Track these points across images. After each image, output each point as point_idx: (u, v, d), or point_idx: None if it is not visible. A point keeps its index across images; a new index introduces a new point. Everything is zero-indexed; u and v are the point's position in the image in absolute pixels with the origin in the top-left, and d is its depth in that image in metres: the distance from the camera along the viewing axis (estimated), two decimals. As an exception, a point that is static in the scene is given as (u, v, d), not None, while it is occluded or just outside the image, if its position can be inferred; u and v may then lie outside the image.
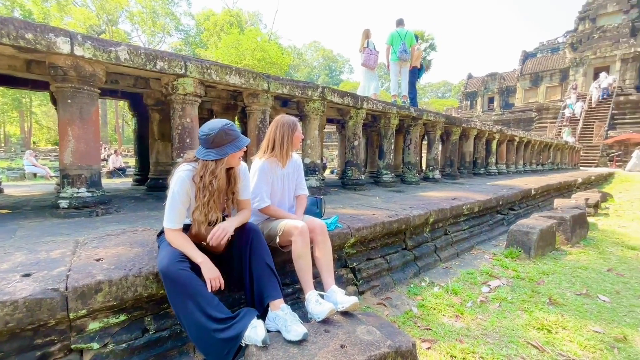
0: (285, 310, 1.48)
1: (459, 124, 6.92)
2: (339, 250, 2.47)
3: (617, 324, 2.15)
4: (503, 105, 29.77)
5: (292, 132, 1.93)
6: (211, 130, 1.50)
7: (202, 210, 1.52)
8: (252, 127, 3.73)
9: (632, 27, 22.17)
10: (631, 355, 1.83)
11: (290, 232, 1.72)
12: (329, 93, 4.15)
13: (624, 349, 1.89)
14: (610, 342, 1.95)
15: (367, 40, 6.63)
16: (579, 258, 3.56)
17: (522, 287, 2.73)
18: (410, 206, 3.36)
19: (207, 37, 34.62)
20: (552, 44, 32.00)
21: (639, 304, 2.48)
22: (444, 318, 2.23)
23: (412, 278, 2.88)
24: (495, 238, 4.31)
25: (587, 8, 24.74)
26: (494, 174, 8.43)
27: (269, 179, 1.93)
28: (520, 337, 1.99)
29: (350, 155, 4.92)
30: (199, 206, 1.52)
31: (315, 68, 63.50)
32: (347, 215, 2.87)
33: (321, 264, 1.80)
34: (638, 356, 1.82)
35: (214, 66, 3.09)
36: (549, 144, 12.78)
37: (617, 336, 2.00)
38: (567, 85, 24.89)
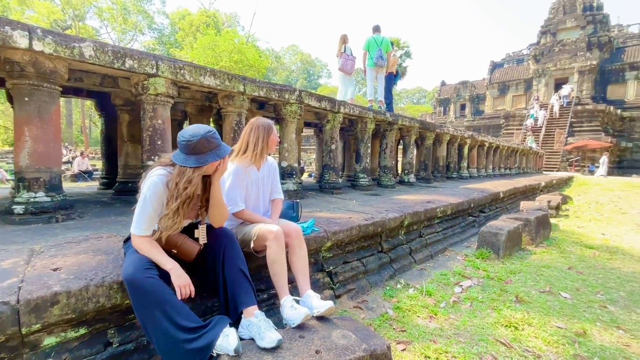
0: (259, 317, 1.44)
1: (432, 129, 7.14)
2: (315, 254, 2.46)
3: (577, 320, 2.28)
4: (474, 112, 31.13)
5: (267, 134, 1.90)
6: (193, 136, 1.44)
7: (170, 217, 1.45)
8: (227, 129, 3.65)
9: (588, 41, 23.98)
10: (590, 349, 1.94)
11: (265, 236, 1.69)
12: (306, 96, 4.15)
13: (584, 343, 2.00)
14: (571, 337, 2.06)
15: (345, 46, 6.72)
16: (543, 257, 3.76)
17: (492, 287, 2.83)
18: (386, 209, 3.41)
19: (182, 37, 33.74)
20: (518, 55, 33.97)
21: (596, 300, 2.64)
22: (419, 319, 2.27)
23: (388, 280, 2.92)
24: (467, 239, 4.46)
25: (549, 23, 26.50)
26: (466, 177, 8.76)
27: (243, 183, 1.88)
28: (490, 335, 2.06)
29: (327, 159, 4.93)
30: (168, 213, 1.45)
31: (294, 72, 63.56)
32: (324, 218, 2.86)
33: (297, 269, 1.77)
34: (597, 349, 1.94)
35: (188, 66, 3.00)
36: (515, 149, 13.49)
37: (577, 331, 2.12)
38: (531, 94, 26.46)
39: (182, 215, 1.47)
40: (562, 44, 25.08)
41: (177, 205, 1.43)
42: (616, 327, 2.21)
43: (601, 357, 1.85)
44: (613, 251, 4.20)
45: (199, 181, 1.52)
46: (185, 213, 1.49)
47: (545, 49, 25.82)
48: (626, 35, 30.69)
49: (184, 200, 1.45)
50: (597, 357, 1.86)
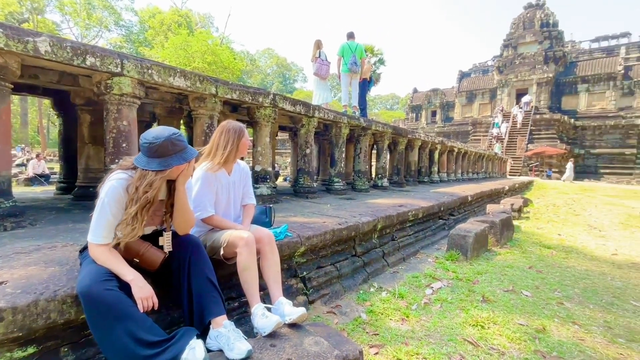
0: (228, 327, 1.39)
1: (405, 135, 7.35)
2: (288, 259, 2.42)
3: (537, 316, 2.41)
4: (444, 118, 32.45)
5: (238, 138, 1.85)
6: (156, 138, 1.37)
7: (128, 222, 1.36)
8: (198, 132, 3.54)
9: (545, 55, 25.84)
10: (549, 344, 2.05)
11: (235, 243, 1.64)
12: (281, 100, 4.12)
13: (543, 338, 2.11)
14: (532, 333, 2.17)
15: (319, 51, 6.77)
16: (507, 258, 3.96)
17: (460, 288, 2.93)
18: (359, 213, 3.45)
19: (153, 36, 32.51)
20: (483, 66, 35.90)
21: (554, 297, 2.81)
22: (391, 322, 2.30)
23: (362, 284, 2.94)
24: (437, 242, 4.60)
25: (510, 37, 28.29)
26: (437, 181, 9.08)
27: (212, 187, 1.82)
28: (458, 335, 2.12)
29: (302, 163, 4.92)
30: (126, 218, 1.36)
31: (269, 75, 63.18)
32: (298, 223, 2.84)
33: (268, 276, 1.73)
34: (555, 344, 2.05)
35: (156, 66, 2.88)
36: (482, 155, 14.19)
37: (537, 327, 2.24)
38: (496, 103, 28.04)
39: (141, 221, 1.39)
40: (522, 57, 26.85)
41: (135, 210, 1.35)
42: (572, 323, 2.35)
43: (559, 352, 1.96)
44: (568, 250, 4.50)
45: (161, 185, 1.44)
46: (145, 219, 1.41)
47: (508, 61, 27.51)
48: (578, 50, 33.41)
49: (144, 204, 1.37)
50: (555, 352, 1.97)
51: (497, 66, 28.26)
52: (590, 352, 1.98)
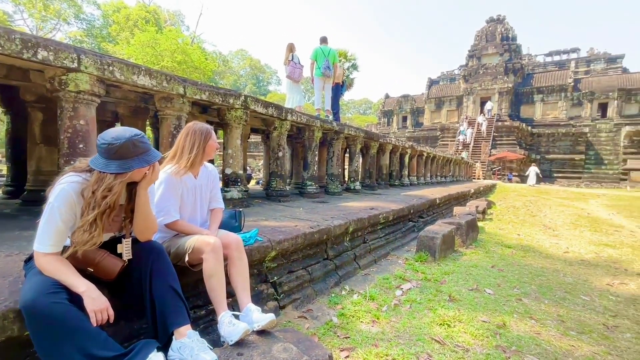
0: (192, 337, 1.33)
1: (376, 139, 7.50)
2: (259, 264, 2.37)
3: (498, 313, 2.53)
4: (414, 123, 33.59)
5: (204, 140, 1.79)
6: (116, 139, 1.27)
7: (86, 229, 1.26)
8: (165, 133, 3.39)
9: (505, 67, 27.61)
10: (509, 339, 2.15)
11: (201, 249, 1.58)
12: (252, 102, 4.06)
13: (504, 333, 2.22)
14: (494, 329, 2.28)
15: (292, 54, 6.77)
16: (472, 258, 4.13)
17: (429, 288, 3.02)
18: (331, 216, 3.46)
19: (117, 32, 30.91)
20: (451, 74, 37.66)
21: (514, 294, 2.97)
22: (362, 325, 2.31)
23: (333, 287, 2.94)
24: (407, 244, 4.72)
25: (475, 48, 29.95)
26: (407, 185, 9.35)
27: (176, 191, 1.74)
28: (426, 335, 2.18)
29: (274, 166, 4.87)
30: (83, 225, 1.26)
31: (242, 77, 62.22)
32: (269, 227, 2.80)
33: (236, 282, 1.68)
34: (514, 339, 2.16)
35: (118, 63, 2.72)
36: (450, 159, 14.82)
37: (499, 323, 2.35)
38: (462, 110, 29.48)
39: (100, 228, 1.30)
40: (485, 67, 28.50)
41: (94, 216, 1.26)
42: (529, 318, 2.49)
43: (517, 346, 2.07)
44: (526, 249, 4.79)
45: (122, 190, 1.36)
46: (104, 225, 1.32)
47: (472, 71, 29.08)
48: (534, 63, 36.02)
49: (103, 210, 1.28)
50: (514, 346, 2.07)
51: (463, 75, 29.80)
52: (545, 345, 2.11)
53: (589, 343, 2.17)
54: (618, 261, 4.35)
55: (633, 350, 2.10)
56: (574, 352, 2.04)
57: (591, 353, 2.04)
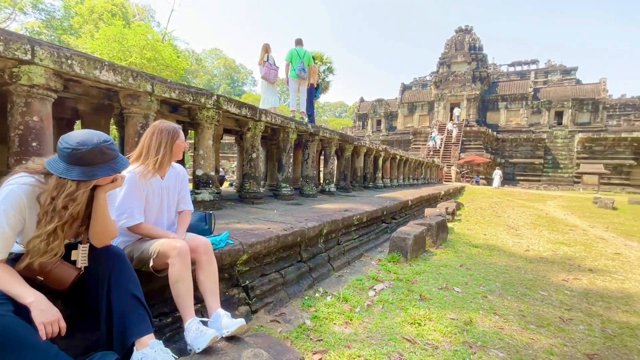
0: (155, 346, 1.26)
1: (351, 142, 7.59)
2: (230, 268, 2.31)
3: (466, 310, 2.63)
4: (388, 127, 34.41)
5: (172, 139, 1.71)
6: (82, 144, 1.18)
7: (43, 239, 1.16)
8: (131, 133, 3.23)
9: (473, 75, 29.04)
10: (475, 335, 2.24)
11: (167, 253, 1.50)
12: (225, 102, 3.96)
13: (470, 330, 2.31)
14: (461, 326, 2.36)
15: (267, 55, 6.71)
16: (442, 257, 4.27)
17: (401, 288, 3.08)
18: (305, 218, 3.44)
19: (80, 24, 29.17)
20: (423, 80, 39.01)
21: (480, 291, 3.10)
22: (335, 326, 2.31)
23: (307, 290, 2.92)
24: (380, 245, 4.80)
25: (445, 56, 31.25)
26: (381, 187, 9.53)
27: (141, 192, 1.65)
28: (398, 334, 2.21)
29: (248, 167, 4.78)
30: (41, 235, 1.16)
31: (216, 76, 60.87)
32: (241, 230, 2.73)
33: (205, 287, 1.62)
34: (480, 335, 2.25)
35: (78, 57, 2.56)
36: (422, 162, 15.31)
37: (466, 320, 2.44)
38: (433, 115, 30.61)
39: (61, 239, 1.20)
40: (455, 74, 29.82)
41: (54, 227, 1.16)
42: (494, 314, 2.61)
43: (483, 341, 2.16)
44: (492, 249, 5.03)
45: (86, 199, 1.26)
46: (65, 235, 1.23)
47: (443, 78, 30.31)
48: (499, 72, 38.15)
49: (66, 221, 1.18)
50: (480, 341, 2.16)
51: (434, 81, 30.99)
52: (508, 339, 2.22)
53: (547, 336, 2.30)
54: (572, 258, 4.68)
55: (586, 341, 2.25)
56: (534, 345, 2.16)
57: (549, 345, 2.17)
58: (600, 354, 2.09)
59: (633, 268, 4.24)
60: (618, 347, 2.19)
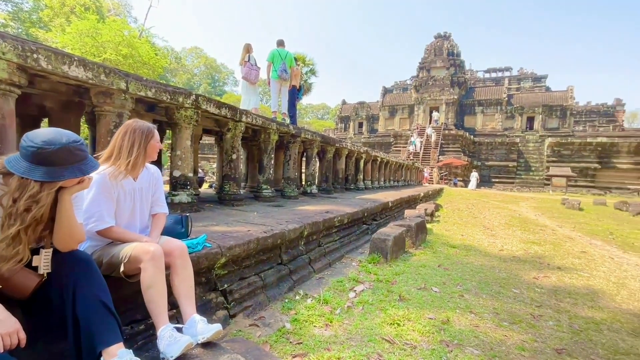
0: (124, 356, 1.20)
1: (332, 144, 7.62)
2: (207, 272, 2.25)
3: (443, 310, 2.68)
4: (370, 130, 34.85)
5: (145, 139, 1.64)
6: (49, 143, 1.10)
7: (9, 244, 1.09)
8: (103, 132, 3.09)
9: (451, 80, 29.94)
10: (452, 334, 2.29)
11: (139, 257, 1.44)
12: (204, 102, 3.88)
13: (447, 329, 2.36)
14: (439, 325, 2.40)
15: (249, 55, 6.63)
16: (421, 258, 4.36)
17: (381, 289, 3.10)
18: (286, 220, 3.41)
19: (50, 17, 27.75)
20: (403, 84, 39.81)
21: (457, 291, 3.18)
22: (315, 329, 2.30)
23: (287, 292, 2.89)
24: (361, 246, 4.84)
25: (424, 61, 32.04)
26: (362, 189, 9.62)
27: (111, 194, 1.57)
28: (377, 335, 2.23)
29: (228, 169, 4.69)
30: (4, 239, 1.08)
31: (197, 75, 59.63)
32: (220, 232, 2.67)
33: (180, 292, 1.57)
34: (456, 333, 2.30)
35: (45, 51, 2.42)
36: (402, 164, 15.59)
37: (443, 319, 2.49)
38: (413, 118, 31.29)
39: (25, 243, 1.13)
40: (434, 79, 30.64)
41: (16, 230, 1.09)
42: (470, 312, 2.68)
43: (459, 340, 2.21)
44: (468, 249, 5.18)
45: (51, 201, 1.19)
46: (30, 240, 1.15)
47: (423, 82, 31.06)
48: (475, 78, 39.53)
49: (28, 224, 1.11)
50: (456, 340, 2.21)
51: (415, 85, 31.71)
52: (483, 336, 2.28)
53: (519, 332, 2.39)
54: (542, 256, 4.89)
55: (555, 336, 2.36)
56: (507, 341, 2.23)
57: (520, 341, 2.25)
58: (568, 349, 2.19)
59: (597, 265, 4.49)
60: (584, 342, 2.30)
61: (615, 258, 4.99)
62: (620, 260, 4.89)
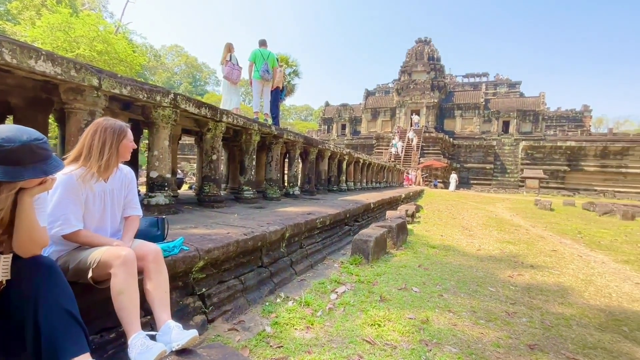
0: (91, 367, 1.13)
1: (315, 145, 7.62)
2: (184, 276, 2.18)
3: (423, 309, 2.72)
4: (352, 131, 35.16)
5: (117, 138, 1.57)
6: (8, 141, 1.04)
7: None
8: (73, 130, 2.94)
9: (432, 84, 30.69)
10: (431, 333, 2.32)
11: (109, 262, 1.37)
12: (183, 101, 3.77)
13: (427, 328, 2.39)
14: (418, 324, 2.44)
15: (230, 54, 6.53)
16: (401, 258, 4.41)
17: (362, 290, 3.11)
18: (267, 222, 3.37)
19: (19, 10, 26.32)
20: (385, 87, 40.45)
21: (436, 290, 3.23)
22: (296, 332, 2.27)
23: (268, 295, 2.85)
24: (343, 247, 4.85)
25: (406, 65, 32.69)
26: (344, 190, 9.67)
27: (79, 196, 1.49)
28: (358, 336, 2.23)
29: (208, 169, 4.59)
30: None
31: (177, 74, 58.26)
32: (198, 235, 2.60)
33: (153, 298, 1.50)
34: (435, 332, 2.33)
35: (9, 44, 2.28)
36: (384, 166, 15.80)
37: (423, 319, 2.52)
38: (395, 121, 31.83)
39: None
40: (415, 83, 31.31)
41: None
42: (448, 311, 2.73)
43: (438, 338, 2.24)
44: (448, 249, 5.30)
45: (10, 203, 1.11)
46: None
47: (404, 85, 31.67)
48: (455, 83, 40.71)
49: None
50: (435, 339, 2.24)
51: (396, 88, 32.28)
52: (460, 335, 2.33)
53: (494, 329, 2.45)
54: (517, 255, 5.08)
55: (528, 332, 2.44)
56: (483, 339, 2.29)
57: (496, 338, 2.31)
58: (540, 344, 2.27)
59: (567, 263, 4.71)
60: (555, 337, 2.39)
61: (583, 256, 5.25)
62: (588, 258, 5.15)
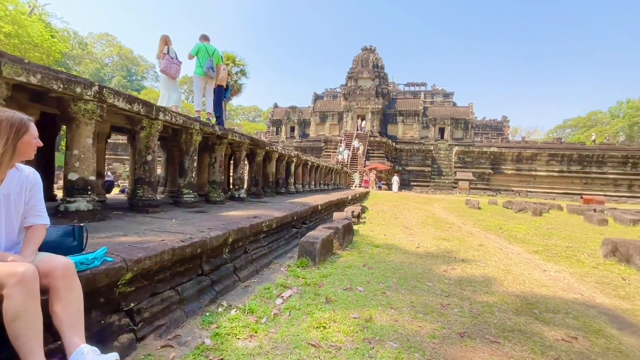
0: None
1: (263, 147, 7.46)
2: (107, 291, 1.93)
3: (366, 308, 2.79)
4: (301, 134, 35.32)
5: (16, 134, 1.32)
6: None
7: None
8: (-38, 123, 2.44)
9: (376, 90, 32.28)
10: (374, 331, 2.39)
11: (1, 282, 1.14)
12: (111, 95, 3.39)
13: (370, 326, 2.45)
14: (362, 323, 2.49)
15: (167, 47, 6.07)
16: (347, 259, 4.51)
17: (308, 293, 3.09)
18: (209, 227, 3.18)
19: None
20: (333, 91, 41.48)
21: (379, 288, 3.35)
22: (239, 341, 2.16)
23: (209, 305, 2.67)
24: (290, 250, 4.80)
25: (352, 71, 33.93)
26: (293, 192, 9.62)
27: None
28: (303, 340, 2.19)
29: (142, 171, 4.18)
30: None
31: (108, 66, 52.73)
32: (127, 243, 2.34)
33: (63, 320, 1.29)
34: (378, 329, 2.40)
35: None
36: (332, 168, 16.13)
37: (366, 318, 2.59)
38: (342, 125, 32.78)
39: None
40: (361, 89, 32.65)
41: None
42: (390, 308, 2.85)
43: (380, 335, 2.32)
44: (390, 247, 5.57)
45: None
46: None
47: (351, 90, 32.82)
48: (397, 91, 43.38)
49: None
50: (378, 336, 2.31)
51: (344, 93, 33.32)
52: (401, 330, 2.43)
53: (431, 321, 2.62)
54: (450, 251, 5.53)
55: (459, 322, 2.65)
56: (421, 332, 2.42)
57: (432, 330, 2.46)
58: (469, 331, 2.47)
59: (491, 256, 5.26)
60: (481, 324, 2.63)
61: (504, 249, 5.93)
62: (507, 250, 5.82)
